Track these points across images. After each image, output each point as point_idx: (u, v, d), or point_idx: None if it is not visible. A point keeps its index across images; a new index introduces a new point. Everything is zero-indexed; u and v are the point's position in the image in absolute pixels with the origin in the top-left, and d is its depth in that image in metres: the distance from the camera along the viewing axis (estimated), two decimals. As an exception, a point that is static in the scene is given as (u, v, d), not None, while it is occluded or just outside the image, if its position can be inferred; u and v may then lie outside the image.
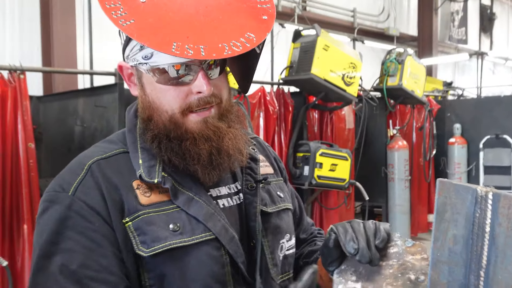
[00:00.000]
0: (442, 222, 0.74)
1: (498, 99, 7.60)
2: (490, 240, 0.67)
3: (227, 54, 0.84)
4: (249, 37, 0.88)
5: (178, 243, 0.91)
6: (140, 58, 0.94)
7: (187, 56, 0.83)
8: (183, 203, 0.94)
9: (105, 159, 0.98)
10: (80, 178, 0.94)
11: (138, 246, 0.90)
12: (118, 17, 0.86)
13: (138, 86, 1.00)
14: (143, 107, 1.00)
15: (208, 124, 0.95)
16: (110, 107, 3.75)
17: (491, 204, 0.67)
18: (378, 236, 0.89)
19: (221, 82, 0.98)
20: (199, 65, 0.92)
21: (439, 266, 0.75)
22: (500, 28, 15.64)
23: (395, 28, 10.91)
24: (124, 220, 0.91)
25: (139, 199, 0.93)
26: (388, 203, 6.18)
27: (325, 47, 4.53)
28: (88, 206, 0.91)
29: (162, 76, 0.94)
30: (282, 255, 1.06)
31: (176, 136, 0.95)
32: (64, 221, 0.89)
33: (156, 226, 0.91)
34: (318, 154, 4.67)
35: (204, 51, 0.83)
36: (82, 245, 0.88)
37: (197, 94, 0.94)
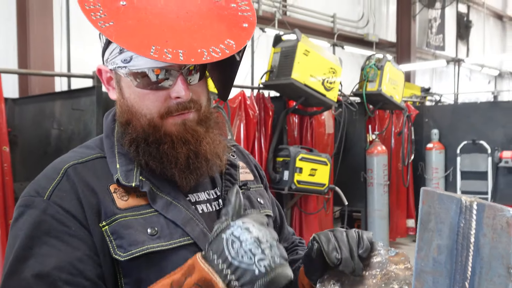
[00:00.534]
0: (426, 232, 0.73)
1: (475, 105, 7.72)
2: (475, 250, 0.66)
3: (205, 59, 0.84)
4: (229, 43, 0.88)
5: (156, 247, 0.89)
6: (119, 62, 0.93)
7: (166, 60, 0.82)
8: (161, 207, 0.93)
9: (81, 163, 0.96)
10: (56, 182, 0.92)
11: (114, 250, 0.88)
12: (97, 18, 0.86)
13: (117, 90, 1.00)
14: (121, 111, 0.99)
15: (187, 127, 0.95)
16: (88, 110, 3.70)
17: (475, 214, 0.66)
18: (361, 246, 0.88)
19: (201, 89, 0.98)
20: (179, 70, 0.92)
21: (423, 276, 0.74)
22: (476, 36, 15.91)
23: (374, 34, 11.00)
24: (101, 224, 0.90)
25: (116, 203, 0.92)
26: (367, 208, 6.21)
27: (306, 52, 4.54)
28: (63, 210, 0.89)
29: (141, 80, 0.93)
30: None
31: (154, 139, 0.94)
32: (39, 226, 0.88)
33: (134, 230, 0.90)
34: (298, 159, 4.66)
35: (183, 55, 0.83)
36: (57, 249, 0.86)
37: (176, 99, 0.93)
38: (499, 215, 0.62)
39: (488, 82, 17.70)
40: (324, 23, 10.09)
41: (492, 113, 6.81)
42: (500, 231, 0.62)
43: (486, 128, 6.81)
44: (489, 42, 17.00)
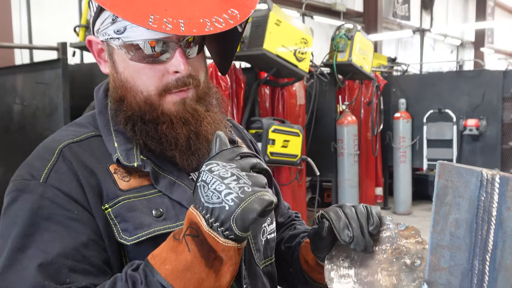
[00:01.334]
0: (443, 206, 0.71)
1: (441, 74, 7.83)
2: (497, 224, 0.64)
3: (208, 30, 0.78)
4: (233, 13, 0.82)
5: (162, 229, 0.85)
6: (111, 33, 0.86)
7: (165, 30, 0.76)
8: (165, 188, 0.89)
9: (76, 142, 0.90)
10: (52, 163, 0.86)
11: (120, 234, 0.84)
12: None
13: (109, 63, 0.92)
14: (114, 86, 0.92)
15: (186, 106, 0.89)
16: (53, 84, 3.55)
17: (498, 188, 0.64)
18: (371, 222, 0.86)
19: (199, 62, 0.92)
20: (177, 42, 0.86)
21: (439, 251, 0.72)
22: (440, 6, 16.08)
23: (342, 4, 10.97)
24: (103, 206, 0.85)
25: (117, 184, 0.87)
26: (338, 178, 6.28)
27: (277, 22, 4.47)
28: (63, 193, 0.83)
29: (136, 53, 0.86)
30: (264, 239, 1.02)
31: (152, 118, 0.89)
32: (38, 211, 0.81)
33: (138, 212, 0.85)
34: (270, 131, 4.64)
35: (184, 26, 0.76)
36: (60, 235, 0.80)
37: (174, 74, 0.87)
38: (525, 188, 0.61)
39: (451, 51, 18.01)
40: (292, -7, 9.99)
41: (457, 83, 6.92)
42: (526, 204, 0.61)
43: (451, 97, 6.93)
44: (452, 12, 17.23)
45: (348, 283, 0.83)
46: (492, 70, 6.94)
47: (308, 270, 1.03)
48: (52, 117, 3.51)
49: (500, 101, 6.49)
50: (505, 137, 6.52)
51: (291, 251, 1.09)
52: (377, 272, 0.82)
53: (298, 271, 1.06)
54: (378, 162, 7.23)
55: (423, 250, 0.82)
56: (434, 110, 7.02)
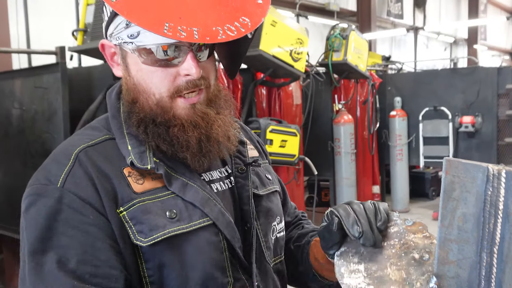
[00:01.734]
0: (450, 201, 0.73)
1: (436, 72, 7.88)
2: (504, 217, 0.67)
3: (221, 38, 0.81)
4: (244, 21, 0.85)
5: (176, 230, 0.87)
6: (125, 37, 0.89)
7: (180, 38, 0.78)
8: (178, 189, 0.91)
9: (91, 146, 0.92)
10: (68, 168, 0.88)
11: (135, 236, 0.86)
12: None
13: (122, 67, 0.95)
14: (127, 88, 0.94)
15: (196, 110, 0.91)
16: (52, 88, 3.57)
17: (504, 182, 0.67)
18: (379, 218, 0.88)
19: (210, 65, 0.94)
20: (189, 46, 0.88)
21: (447, 245, 0.74)
22: (432, 4, 16.15)
23: (335, 4, 11.00)
24: (118, 210, 0.86)
25: (132, 187, 0.89)
26: (335, 177, 6.31)
27: (273, 22, 4.49)
28: (80, 198, 0.85)
29: (149, 57, 0.88)
30: (274, 238, 1.05)
31: (163, 121, 0.91)
32: (55, 215, 0.83)
33: (153, 215, 0.87)
34: (268, 131, 4.66)
35: (197, 34, 0.79)
36: (77, 240, 0.82)
37: (186, 76, 0.89)
38: (531, 182, 0.63)
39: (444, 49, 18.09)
40: (286, -7, 10.02)
41: (452, 80, 6.97)
42: (532, 197, 0.63)
43: (446, 94, 6.97)
44: (445, 10, 17.31)
45: (358, 277, 0.85)
46: (486, 67, 6.99)
47: (318, 268, 1.05)
48: (51, 121, 3.52)
49: (495, 97, 6.54)
50: (500, 134, 6.57)
51: (300, 250, 1.11)
52: (386, 266, 0.85)
53: (308, 269, 1.08)
54: (375, 160, 7.26)
55: (431, 244, 0.84)
56: (429, 107, 7.06)
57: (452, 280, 0.75)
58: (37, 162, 3.55)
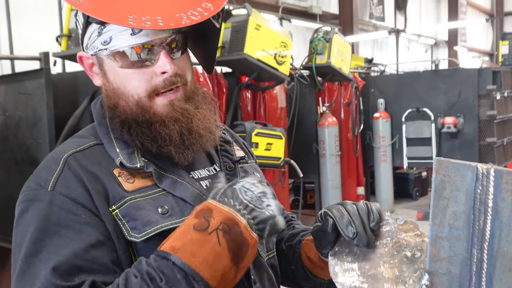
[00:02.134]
0: (441, 200, 0.75)
1: (418, 74, 7.98)
2: (493, 214, 0.69)
3: (185, 23, 0.84)
4: (206, 6, 0.88)
5: (169, 225, 0.89)
6: (99, 45, 0.92)
7: (145, 27, 0.82)
8: (168, 186, 0.93)
9: (80, 151, 0.94)
10: (58, 172, 0.90)
11: (129, 233, 0.88)
12: None
13: (100, 75, 0.98)
14: (107, 95, 0.98)
15: (175, 107, 0.95)
16: (36, 93, 3.54)
17: (493, 181, 0.69)
18: (372, 218, 0.90)
19: (184, 63, 0.98)
20: (160, 44, 0.91)
21: (439, 242, 0.77)
22: (413, 6, 16.34)
23: (318, 7, 11.08)
24: (110, 208, 0.89)
25: (123, 186, 0.91)
26: (320, 179, 6.34)
27: (257, 26, 4.51)
28: (70, 199, 0.87)
29: (124, 60, 0.92)
30: None
31: (145, 120, 0.94)
32: (48, 218, 0.85)
33: (145, 211, 0.89)
34: (253, 134, 4.67)
35: (162, 21, 0.83)
36: (70, 238, 0.84)
37: (161, 74, 0.93)
38: (518, 180, 0.65)
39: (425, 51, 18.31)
40: (268, -4, 10.06)
41: (434, 82, 7.06)
42: (520, 195, 0.65)
43: (428, 96, 7.06)
44: (425, 12, 17.53)
45: (352, 276, 0.87)
46: (467, 69, 7.10)
47: (311, 267, 1.07)
48: (36, 127, 3.49)
49: (476, 98, 6.64)
50: (482, 134, 6.67)
51: (292, 249, 1.13)
52: (379, 265, 0.87)
53: (300, 268, 1.10)
54: (359, 162, 7.32)
55: (422, 242, 0.86)
56: (412, 109, 7.14)
57: (444, 277, 0.77)
58: (21, 169, 3.52)
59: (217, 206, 0.83)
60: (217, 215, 0.82)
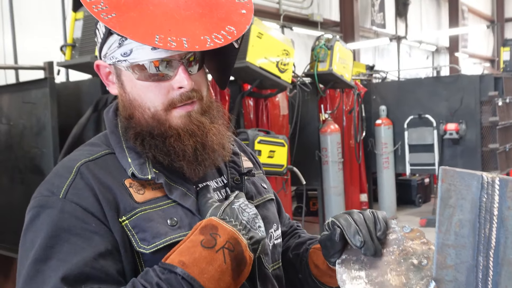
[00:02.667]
0: (447, 208, 0.76)
1: (419, 81, 8.00)
2: (498, 222, 0.70)
3: (209, 46, 0.86)
4: (230, 30, 0.90)
5: (178, 237, 0.90)
6: (118, 56, 0.93)
7: (170, 48, 0.83)
8: (179, 197, 0.95)
9: (92, 161, 0.95)
10: (70, 180, 0.91)
11: (138, 244, 0.89)
12: (99, 10, 0.86)
13: (118, 84, 0.99)
14: (123, 105, 0.99)
15: (192, 119, 0.96)
16: (40, 103, 3.57)
17: (498, 189, 0.70)
18: (379, 228, 0.92)
19: (201, 78, 0.99)
20: (179, 60, 0.93)
21: (445, 250, 0.78)
22: (414, 13, 16.39)
23: (319, 14, 11.12)
24: (120, 219, 0.90)
25: (133, 197, 0.92)
26: (323, 186, 6.35)
27: (259, 34, 4.54)
28: (81, 207, 0.88)
29: (143, 73, 0.93)
30: (272, 244, 1.08)
31: (160, 133, 0.95)
32: (59, 224, 0.87)
33: (155, 222, 0.91)
34: (256, 142, 4.69)
35: (187, 43, 0.84)
36: (80, 246, 0.85)
37: (179, 89, 0.94)
38: (523, 188, 0.67)
39: (426, 57, 18.34)
40: (270, 4, 10.10)
41: (436, 88, 7.08)
42: (525, 203, 0.67)
43: (430, 102, 7.07)
44: (426, 19, 17.58)
45: (359, 284, 0.88)
46: (468, 75, 7.12)
47: (318, 275, 1.08)
48: (40, 136, 3.51)
49: (478, 104, 6.65)
50: (484, 140, 6.67)
51: (299, 258, 1.14)
52: (386, 272, 0.88)
53: (307, 276, 1.11)
54: (362, 169, 7.33)
55: (428, 250, 0.87)
56: (414, 115, 7.15)
57: (450, 284, 0.78)
58: (25, 177, 3.54)
59: (221, 224, 0.87)
60: (222, 233, 0.85)
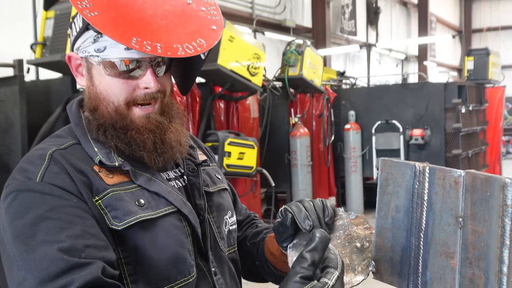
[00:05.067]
0: (385, 195, 0.85)
1: (387, 87, 8.20)
2: (428, 206, 0.78)
3: (180, 54, 0.93)
4: (200, 42, 0.97)
5: (147, 215, 0.96)
6: (92, 51, 0.99)
7: (145, 51, 0.90)
8: (144, 182, 1.01)
9: (63, 149, 1.00)
10: (45, 166, 0.95)
11: (111, 221, 0.94)
12: (83, 7, 0.92)
13: (87, 77, 1.05)
14: (89, 97, 1.04)
15: (151, 120, 1.03)
16: (9, 100, 3.56)
17: (428, 177, 0.78)
18: (327, 214, 0.99)
19: (166, 80, 1.06)
20: (149, 62, 0.99)
21: (383, 232, 0.86)
22: (384, 22, 16.74)
23: (291, 20, 11.28)
24: (94, 199, 0.95)
25: (104, 180, 0.98)
26: (292, 188, 6.45)
27: (231, 38, 4.62)
28: (60, 187, 0.92)
29: (113, 70, 0.99)
30: (227, 230, 1.16)
31: (122, 126, 1.01)
32: (39, 205, 0.90)
33: (126, 202, 0.96)
34: (226, 143, 4.76)
35: (160, 49, 0.91)
36: (65, 220, 0.89)
37: (144, 89, 1.00)
38: (448, 176, 0.75)
39: (396, 65, 18.73)
40: (243, 9, 10.20)
41: (402, 95, 7.27)
42: (449, 188, 0.75)
43: (397, 108, 7.26)
44: (396, 28, 17.97)
45: None
46: (434, 83, 7.34)
47: (274, 261, 1.16)
48: (8, 133, 3.50)
49: (442, 111, 6.86)
50: (448, 146, 6.89)
51: (256, 246, 1.22)
52: None
53: (263, 263, 1.19)
54: (331, 172, 7.46)
55: (370, 234, 0.95)
56: (381, 121, 7.33)
57: (387, 263, 0.86)
58: (-8, 175, 3.52)
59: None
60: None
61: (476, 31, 23.16)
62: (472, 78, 7.77)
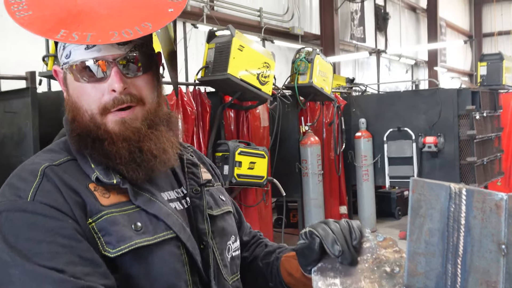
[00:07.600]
0: (417, 217, 0.80)
1: (398, 94, 8.12)
2: (465, 231, 0.74)
3: (114, 40, 0.86)
4: (145, 25, 0.89)
5: (143, 242, 0.90)
6: (63, 58, 0.96)
7: (72, 41, 0.85)
8: (143, 203, 0.94)
9: (56, 165, 0.94)
10: (37, 183, 0.89)
11: (103, 247, 0.88)
12: (15, 10, 0.88)
13: (64, 88, 1.00)
14: (68, 108, 0.99)
15: (127, 125, 0.95)
16: (21, 112, 3.56)
17: (465, 199, 0.74)
18: (354, 237, 0.94)
19: (144, 83, 0.98)
20: (112, 61, 0.93)
21: (416, 258, 0.81)
22: (393, 27, 16.67)
23: (300, 27, 11.25)
24: (87, 221, 0.89)
25: (99, 200, 0.91)
26: (303, 198, 6.38)
27: (240, 47, 4.59)
28: (52, 207, 0.86)
29: (79, 74, 0.94)
30: (230, 256, 1.09)
31: (97, 136, 0.95)
32: (32, 226, 0.84)
33: (120, 226, 0.90)
34: (237, 153, 4.71)
35: (90, 38, 0.85)
36: (60, 244, 0.83)
37: (112, 93, 0.94)
38: (488, 199, 0.70)
39: (405, 71, 18.63)
40: (251, 17, 10.20)
41: (414, 101, 7.19)
42: (490, 212, 0.70)
43: (409, 115, 7.18)
44: (405, 33, 17.88)
45: None
46: (446, 89, 7.25)
47: (292, 283, 1.10)
48: (21, 145, 3.50)
49: (456, 118, 6.77)
50: (462, 153, 6.78)
51: (269, 266, 1.16)
52: (360, 280, 0.91)
53: (278, 285, 1.13)
54: (342, 181, 7.38)
55: (400, 258, 0.91)
56: (393, 128, 7.25)
57: (421, 291, 0.82)
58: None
59: None
60: None
61: (486, 35, 22.99)
62: (485, 84, 7.67)
